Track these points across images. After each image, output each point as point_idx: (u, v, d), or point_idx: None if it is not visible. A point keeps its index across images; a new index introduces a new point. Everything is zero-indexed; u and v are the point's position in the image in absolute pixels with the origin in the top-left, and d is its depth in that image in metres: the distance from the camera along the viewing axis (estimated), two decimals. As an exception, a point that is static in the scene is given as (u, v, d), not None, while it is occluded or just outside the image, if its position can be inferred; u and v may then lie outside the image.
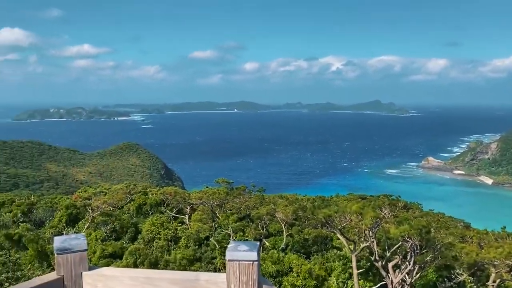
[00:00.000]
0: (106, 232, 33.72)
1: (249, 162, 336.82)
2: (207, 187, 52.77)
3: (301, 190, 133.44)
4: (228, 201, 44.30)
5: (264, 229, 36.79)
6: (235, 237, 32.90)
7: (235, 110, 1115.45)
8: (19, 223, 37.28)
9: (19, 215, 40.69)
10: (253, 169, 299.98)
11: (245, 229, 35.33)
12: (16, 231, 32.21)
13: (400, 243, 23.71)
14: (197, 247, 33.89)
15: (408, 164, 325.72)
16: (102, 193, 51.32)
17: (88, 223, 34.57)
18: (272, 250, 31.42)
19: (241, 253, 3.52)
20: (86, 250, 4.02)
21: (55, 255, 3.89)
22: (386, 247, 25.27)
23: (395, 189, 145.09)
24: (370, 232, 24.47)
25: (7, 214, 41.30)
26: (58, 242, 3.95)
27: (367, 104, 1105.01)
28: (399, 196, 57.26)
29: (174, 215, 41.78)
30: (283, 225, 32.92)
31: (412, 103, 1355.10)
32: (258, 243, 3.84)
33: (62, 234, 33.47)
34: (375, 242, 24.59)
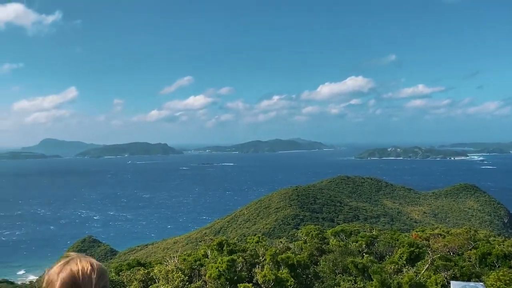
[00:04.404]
0: (446, 278, 32.18)
1: None
2: None
3: None
4: None
5: None
6: None
7: None
8: (363, 253, 40.83)
9: (363, 245, 44.62)
10: None
11: None
12: (361, 260, 35.35)
13: None
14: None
15: None
16: (440, 236, 49.58)
17: (427, 265, 34.03)
18: None
19: None
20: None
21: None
22: None
23: None
24: None
25: (353, 243, 46.04)
26: (456, 287, 4.10)
27: None
28: None
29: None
30: None
31: None
32: None
33: (416, 277, 34.29)
34: None
